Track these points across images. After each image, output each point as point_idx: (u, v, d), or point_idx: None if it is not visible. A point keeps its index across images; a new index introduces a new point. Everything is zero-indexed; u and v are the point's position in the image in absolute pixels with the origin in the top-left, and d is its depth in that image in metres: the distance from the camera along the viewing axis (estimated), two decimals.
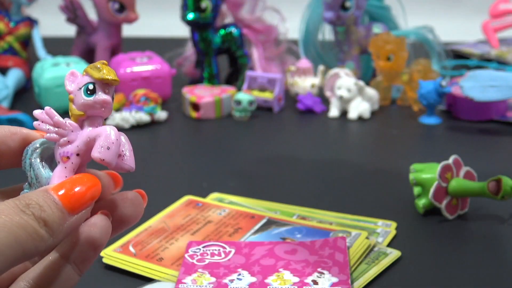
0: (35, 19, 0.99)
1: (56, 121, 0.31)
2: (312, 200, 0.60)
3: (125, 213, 0.31)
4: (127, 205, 0.32)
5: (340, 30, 0.91)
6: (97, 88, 0.31)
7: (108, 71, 0.31)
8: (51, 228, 0.27)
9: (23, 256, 0.26)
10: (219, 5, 0.89)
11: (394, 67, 0.83)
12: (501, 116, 0.82)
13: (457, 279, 0.48)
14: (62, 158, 0.31)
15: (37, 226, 0.26)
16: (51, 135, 0.31)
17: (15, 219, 0.26)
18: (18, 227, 0.26)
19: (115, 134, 0.31)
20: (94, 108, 0.31)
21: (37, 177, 0.31)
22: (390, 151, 0.74)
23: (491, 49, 1.11)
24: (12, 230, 0.26)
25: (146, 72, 0.89)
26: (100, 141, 0.30)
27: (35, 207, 0.27)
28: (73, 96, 0.31)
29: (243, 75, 0.92)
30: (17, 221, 0.26)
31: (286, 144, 0.77)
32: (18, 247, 0.26)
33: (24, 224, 0.26)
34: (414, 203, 0.58)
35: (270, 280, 0.45)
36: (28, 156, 0.32)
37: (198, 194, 0.60)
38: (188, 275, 0.46)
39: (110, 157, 0.30)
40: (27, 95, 0.95)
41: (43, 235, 0.27)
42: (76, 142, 0.31)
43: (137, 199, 0.32)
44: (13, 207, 0.26)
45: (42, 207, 0.27)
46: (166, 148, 0.78)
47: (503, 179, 0.54)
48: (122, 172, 0.31)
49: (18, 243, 0.26)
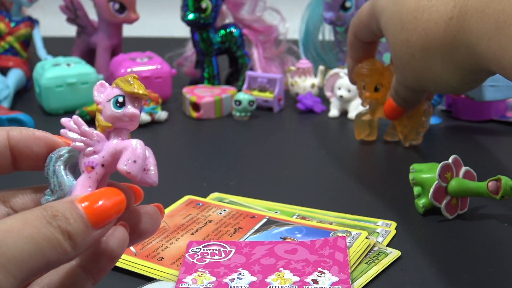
0: (36, 19, 0.99)
1: (83, 130, 0.32)
2: (312, 200, 0.60)
3: (144, 227, 0.32)
4: (146, 219, 0.32)
5: (340, 30, 0.91)
6: (127, 102, 0.31)
7: (138, 85, 0.31)
8: (75, 241, 0.27)
9: (45, 267, 0.26)
10: (219, 5, 0.89)
11: (382, 99, 0.72)
12: (501, 116, 0.82)
13: (457, 279, 0.48)
14: (86, 167, 0.31)
15: (61, 239, 0.27)
16: (77, 144, 0.32)
17: (42, 231, 0.26)
18: (44, 239, 0.26)
19: (141, 148, 0.31)
20: (122, 120, 0.32)
21: (60, 185, 0.32)
22: (390, 151, 0.74)
23: None
24: (38, 242, 0.26)
25: (146, 72, 0.89)
26: (126, 154, 0.31)
27: (61, 219, 0.27)
28: (102, 107, 0.32)
29: (243, 75, 0.93)
30: (44, 233, 0.26)
31: (286, 144, 0.77)
32: (42, 259, 0.26)
33: (50, 236, 0.26)
34: (414, 203, 0.58)
35: (270, 279, 0.45)
36: (52, 163, 0.32)
37: (198, 193, 0.61)
38: (189, 275, 0.46)
39: (136, 170, 0.30)
40: (27, 95, 0.95)
41: (67, 248, 0.27)
42: (102, 153, 0.31)
43: (156, 214, 0.32)
44: (40, 218, 0.27)
45: (68, 220, 0.27)
46: (166, 148, 0.78)
47: (502, 179, 0.54)
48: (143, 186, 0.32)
49: (42, 254, 0.26)
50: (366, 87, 0.72)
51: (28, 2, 0.96)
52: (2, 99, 0.85)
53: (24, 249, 0.25)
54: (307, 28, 0.98)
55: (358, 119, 0.75)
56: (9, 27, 0.96)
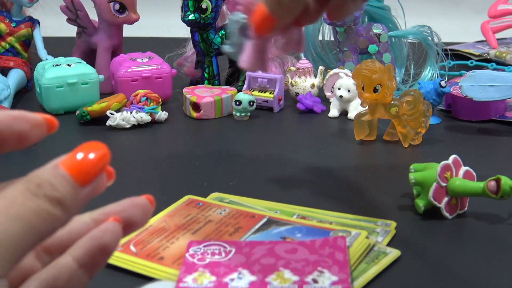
0: (37, 19, 0.99)
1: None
2: (312, 200, 0.60)
3: (134, 219, 0.32)
4: (137, 211, 0.32)
5: (339, 30, 0.91)
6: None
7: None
8: (65, 205, 0.27)
9: (40, 239, 0.26)
10: (219, 5, 0.89)
11: (381, 99, 0.73)
12: (500, 116, 0.82)
13: (457, 278, 0.48)
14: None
15: (51, 208, 0.26)
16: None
17: (29, 206, 0.26)
18: (33, 213, 0.26)
19: None
20: None
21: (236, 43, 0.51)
22: (390, 151, 0.74)
23: (490, 50, 1.11)
24: (27, 218, 0.26)
25: (146, 72, 0.89)
26: None
27: (47, 187, 0.27)
28: None
29: (243, 75, 0.93)
30: (31, 207, 0.26)
31: (286, 144, 0.77)
32: (35, 234, 0.26)
33: (38, 209, 0.26)
34: (414, 202, 0.58)
35: (270, 278, 0.45)
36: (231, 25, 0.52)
37: (199, 193, 0.61)
38: (189, 274, 0.46)
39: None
40: (28, 95, 0.95)
41: (58, 215, 0.27)
42: None
43: (147, 206, 0.33)
44: (24, 192, 0.26)
45: (53, 186, 0.27)
46: (166, 147, 0.78)
47: (502, 179, 0.54)
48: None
49: (34, 230, 0.26)
50: (366, 87, 0.72)
51: (29, 3, 0.96)
52: (2, 99, 0.85)
53: (14, 230, 0.25)
54: (307, 28, 0.98)
55: (358, 120, 0.75)
56: (10, 28, 0.96)
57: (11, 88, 0.89)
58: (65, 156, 0.28)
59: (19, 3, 0.96)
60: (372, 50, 0.91)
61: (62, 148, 0.32)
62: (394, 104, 0.72)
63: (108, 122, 0.81)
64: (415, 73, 0.95)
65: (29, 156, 0.71)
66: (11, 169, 0.68)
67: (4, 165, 0.68)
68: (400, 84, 0.93)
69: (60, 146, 0.41)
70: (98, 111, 0.82)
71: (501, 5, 1.12)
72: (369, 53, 0.92)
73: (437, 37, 0.91)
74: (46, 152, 0.75)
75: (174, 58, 1.00)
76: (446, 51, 0.93)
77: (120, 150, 0.76)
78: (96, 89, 0.87)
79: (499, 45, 1.12)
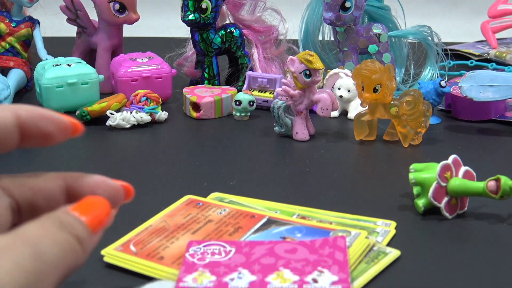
0: (37, 19, 0.99)
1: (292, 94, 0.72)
2: (312, 200, 0.60)
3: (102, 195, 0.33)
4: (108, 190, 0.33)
5: (339, 30, 0.91)
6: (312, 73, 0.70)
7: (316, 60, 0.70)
8: (83, 245, 0.28)
9: (67, 274, 0.27)
10: (219, 5, 0.89)
11: (381, 99, 0.73)
12: (500, 116, 0.82)
13: (457, 278, 0.48)
14: (297, 112, 0.74)
15: (75, 243, 0.28)
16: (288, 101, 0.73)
17: (60, 235, 0.27)
18: (65, 242, 0.27)
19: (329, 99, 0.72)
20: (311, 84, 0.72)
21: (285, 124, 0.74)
22: (390, 151, 0.74)
23: (490, 50, 1.11)
24: (61, 245, 0.27)
25: (146, 72, 0.89)
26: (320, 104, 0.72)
27: (68, 225, 0.28)
28: (296, 75, 0.71)
29: (243, 75, 0.93)
30: (62, 237, 0.27)
31: (286, 144, 0.77)
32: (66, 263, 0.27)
33: (67, 241, 0.27)
34: (414, 203, 0.58)
35: (270, 278, 0.45)
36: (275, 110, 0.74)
37: (199, 193, 0.61)
38: (189, 274, 0.46)
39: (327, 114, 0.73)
40: (28, 95, 0.95)
41: (79, 252, 0.28)
42: (304, 102, 0.73)
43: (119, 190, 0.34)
44: (53, 225, 0.27)
45: (73, 225, 0.28)
46: (166, 147, 0.78)
47: (502, 179, 0.54)
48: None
49: (66, 258, 0.27)
50: (365, 88, 0.72)
51: (29, 3, 0.96)
52: (2, 99, 0.85)
53: (56, 253, 0.26)
54: (307, 28, 0.98)
55: (358, 120, 0.75)
56: (10, 27, 0.96)
57: (11, 88, 0.89)
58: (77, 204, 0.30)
59: (19, 3, 0.96)
60: (372, 50, 0.91)
61: (62, 148, 0.32)
62: (394, 104, 0.73)
63: (108, 122, 0.81)
64: (415, 73, 0.95)
65: (29, 156, 0.71)
66: (11, 169, 0.68)
67: (4, 165, 0.68)
68: (400, 84, 0.93)
69: (60, 146, 0.41)
70: (98, 111, 0.82)
71: (501, 5, 1.12)
72: (369, 53, 0.91)
73: (437, 37, 0.91)
74: (46, 152, 0.76)
75: (174, 58, 1.00)
76: (446, 51, 0.93)
77: (120, 150, 0.76)
78: (96, 89, 0.87)
79: (499, 45, 1.12)
